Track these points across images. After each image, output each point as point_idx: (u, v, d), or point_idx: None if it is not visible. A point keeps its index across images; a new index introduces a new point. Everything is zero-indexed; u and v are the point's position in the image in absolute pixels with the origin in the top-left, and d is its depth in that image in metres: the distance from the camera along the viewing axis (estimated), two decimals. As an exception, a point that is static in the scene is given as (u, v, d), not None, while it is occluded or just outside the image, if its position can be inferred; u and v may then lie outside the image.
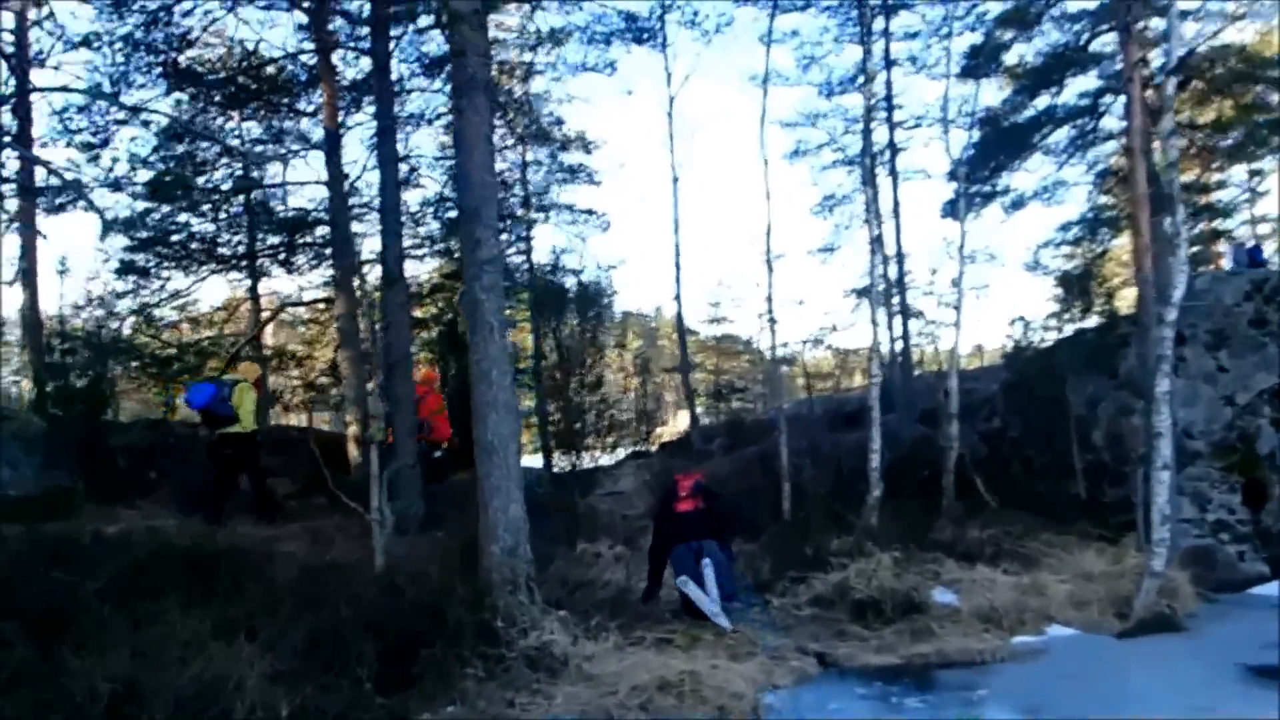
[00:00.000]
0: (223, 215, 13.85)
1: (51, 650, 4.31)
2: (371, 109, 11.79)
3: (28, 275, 12.45)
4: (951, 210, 17.42)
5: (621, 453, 22.86)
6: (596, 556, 8.24)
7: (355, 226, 13.09)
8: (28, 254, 12.44)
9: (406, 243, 13.24)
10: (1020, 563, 7.48)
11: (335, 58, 11.70)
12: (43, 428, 8.98)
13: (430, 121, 13.88)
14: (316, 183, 11.96)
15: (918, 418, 12.24)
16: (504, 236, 15.24)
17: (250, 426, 9.17)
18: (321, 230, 13.56)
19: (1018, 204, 15.53)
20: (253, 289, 15.62)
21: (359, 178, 12.87)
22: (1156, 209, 8.57)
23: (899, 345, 15.05)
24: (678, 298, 17.98)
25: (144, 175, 11.76)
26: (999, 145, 13.26)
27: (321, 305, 14.83)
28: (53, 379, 9.52)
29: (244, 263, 14.37)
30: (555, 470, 11.37)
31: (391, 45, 10.71)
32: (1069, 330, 10.49)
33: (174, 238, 13.33)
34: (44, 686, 3.97)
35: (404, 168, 13.17)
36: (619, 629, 5.72)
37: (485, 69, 6.29)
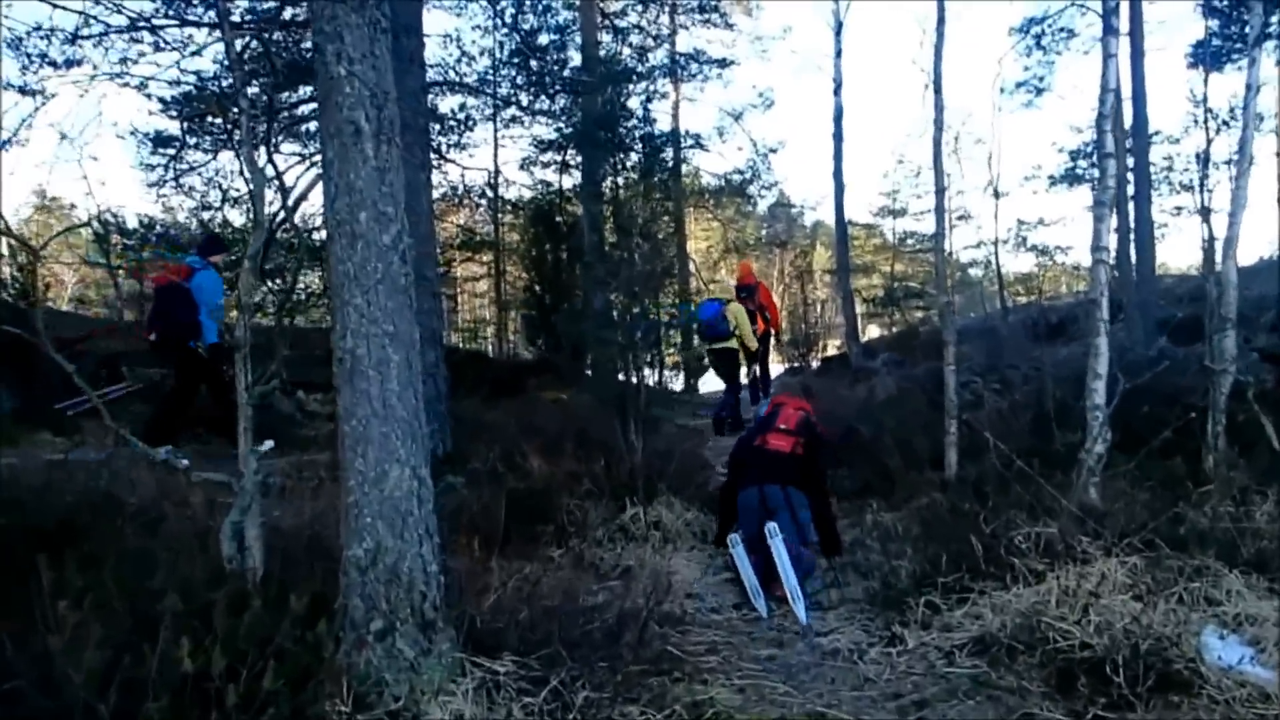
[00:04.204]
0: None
1: None
2: None
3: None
4: (1204, 56, 13.19)
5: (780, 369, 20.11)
6: (651, 528, 5.63)
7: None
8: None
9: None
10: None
11: None
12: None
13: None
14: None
15: (1158, 330, 8.66)
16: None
17: (752, 343, 9.97)
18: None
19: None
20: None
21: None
22: None
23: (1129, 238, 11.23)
24: (837, 175, 14.50)
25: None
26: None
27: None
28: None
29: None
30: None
31: None
32: None
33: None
34: None
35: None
36: (598, 693, 3.18)
37: None
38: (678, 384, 13.84)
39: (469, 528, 5.12)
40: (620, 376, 7.63)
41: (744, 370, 10.55)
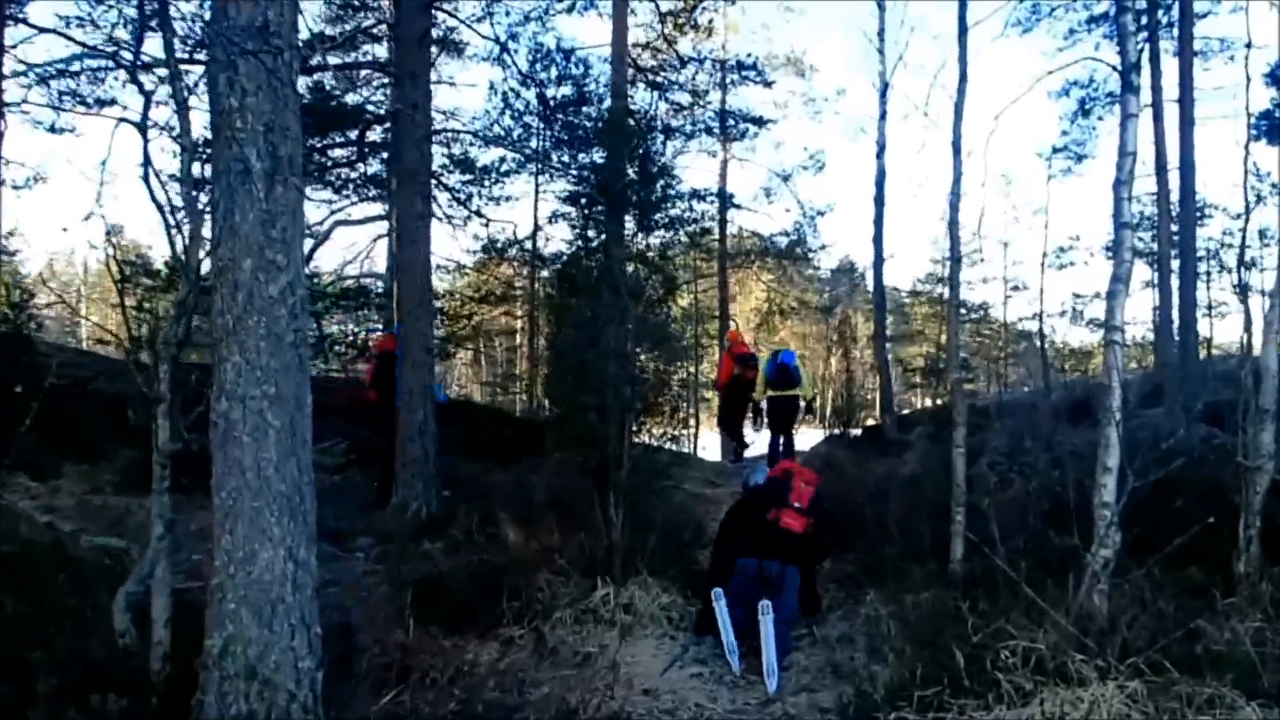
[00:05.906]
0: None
1: None
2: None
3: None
4: (1271, 128, 12.61)
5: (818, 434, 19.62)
6: (621, 610, 5.25)
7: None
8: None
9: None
10: None
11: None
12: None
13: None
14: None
15: (1200, 416, 8.04)
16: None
17: (809, 393, 10.37)
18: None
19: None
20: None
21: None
22: None
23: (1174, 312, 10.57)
24: (877, 241, 14.08)
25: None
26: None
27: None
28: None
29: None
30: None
31: None
32: None
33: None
34: None
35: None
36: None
37: None
38: (686, 445, 13.41)
39: (423, 602, 4.84)
40: (604, 441, 7.24)
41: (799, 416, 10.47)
